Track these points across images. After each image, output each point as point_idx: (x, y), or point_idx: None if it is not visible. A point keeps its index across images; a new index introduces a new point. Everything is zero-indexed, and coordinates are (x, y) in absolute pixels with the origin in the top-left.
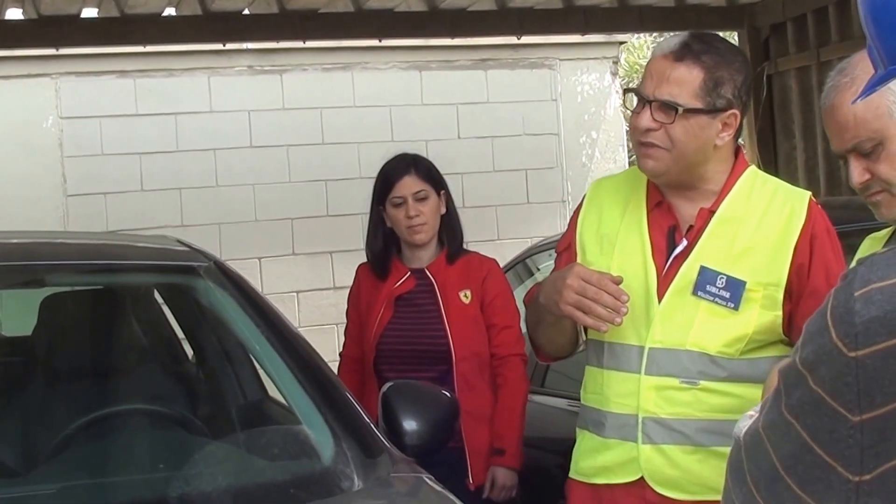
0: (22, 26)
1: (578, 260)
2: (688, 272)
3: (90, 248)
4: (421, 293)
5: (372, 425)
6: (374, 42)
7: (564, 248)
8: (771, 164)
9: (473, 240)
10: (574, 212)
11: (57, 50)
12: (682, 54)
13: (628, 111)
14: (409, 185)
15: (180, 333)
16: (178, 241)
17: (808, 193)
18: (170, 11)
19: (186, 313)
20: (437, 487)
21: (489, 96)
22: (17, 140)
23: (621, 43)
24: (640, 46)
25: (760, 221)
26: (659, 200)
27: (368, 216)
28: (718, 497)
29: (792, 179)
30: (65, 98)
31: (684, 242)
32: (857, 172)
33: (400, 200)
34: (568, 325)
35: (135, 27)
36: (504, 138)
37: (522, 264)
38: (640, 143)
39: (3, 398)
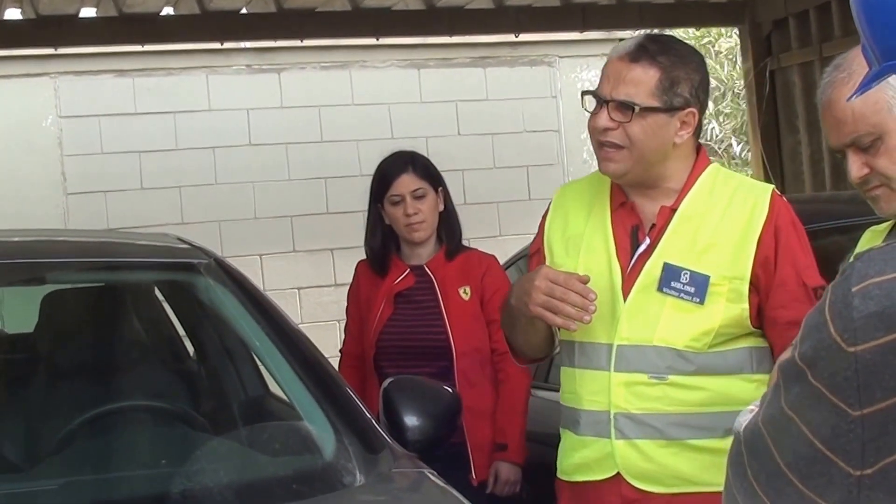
0: (20, 26)
1: (547, 263)
2: (652, 269)
3: (91, 245)
4: (420, 290)
5: (373, 421)
6: (371, 40)
7: (535, 251)
8: (775, 159)
9: (475, 236)
10: (542, 217)
11: (56, 49)
12: (637, 55)
13: (588, 113)
14: (407, 183)
15: (181, 330)
16: (179, 239)
17: (771, 187)
18: (168, 11)
19: (187, 310)
20: (440, 482)
21: (488, 94)
22: (17, 139)
23: (621, 40)
24: None
25: (723, 216)
26: (622, 201)
27: (367, 214)
28: (695, 489)
29: (797, 174)
30: (64, 97)
31: (647, 241)
32: (855, 167)
33: (398, 198)
34: (541, 327)
35: (133, 27)
36: (504, 135)
37: (524, 260)
38: (599, 143)
39: (5, 395)
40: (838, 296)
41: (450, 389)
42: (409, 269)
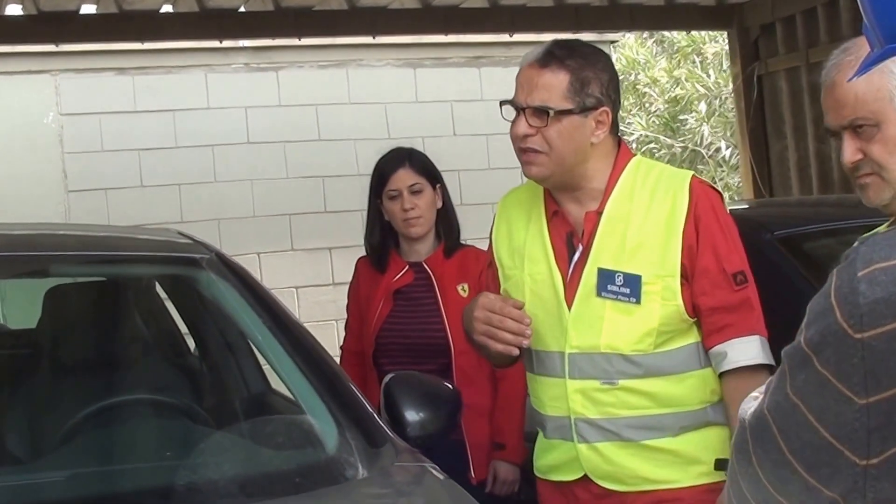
0: (21, 22)
1: (499, 274)
2: (589, 276)
3: (94, 239)
4: (419, 287)
5: (375, 415)
6: (368, 39)
7: (489, 263)
8: (763, 163)
9: (471, 237)
10: (491, 229)
11: (57, 46)
12: (546, 61)
13: (508, 121)
14: (404, 177)
15: (183, 325)
16: (181, 234)
17: (690, 174)
18: (167, 8)
19: (189, 305)
20: (441, 476)
21: (483, 93)
22: (18, 137)
23: (612, 42)
24: (631, 46)
25: (646, 215)
26: (555, 209)
27: (367, 211)
28: (655, 487)
29: (784, 179)
30: (65, 95)
31: (580, 248)
32: (849, 151)
33: (395, 193)
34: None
35: (132, 24)
36: (499, 135)
37: None
38: (520, 150)
39: (9, 390)
40: (843, 280)
41: (450, 386)
42: (407, 266)
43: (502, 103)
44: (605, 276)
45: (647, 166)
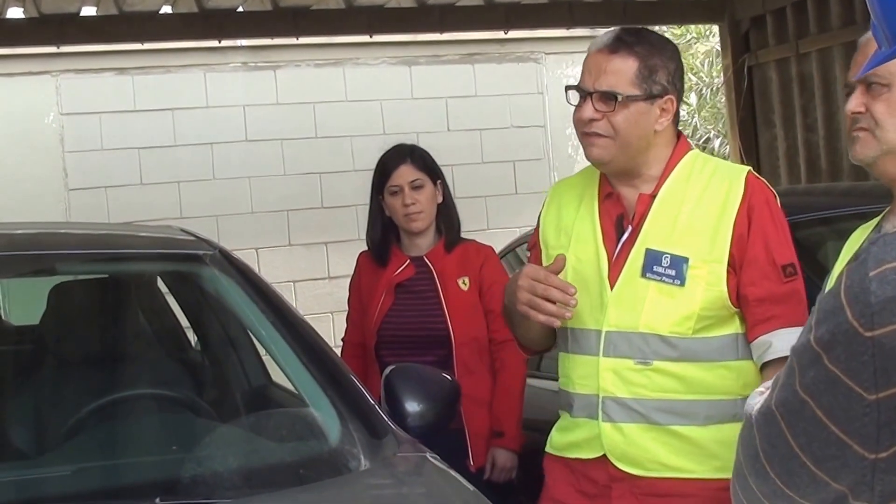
0: (23, 25)
1: (542, 254)
2: (635, 256)
3: (97, 237)
4: (420, 280)
5: (376, 407)
6: (364, 38)
7: (533, 245)
8: (752, 153)
9: (464, 230)
10: (539, 217)
11: (57, 48)
12: (615, 47)
13: (573, 107)
14: (405, 173)
15: (186, 321)
16: (183, 231)
17: (748, 169)
18: (166, 9)
19: (193, 300)
20: (443, 466)
21: (477, 90)
22: (20, 137)
23: None
24: None
25: (699, 200)
26: (609, 192)
27: (368, 206)
28: (670, 474)
29: (773, 168)
30: (65, 95)
31: (629, 229)
32: (854, 102)
33: (396, 189)
34: (535, 323)
35: (132, 24)
36: (492, 130)
37: (513, 253)
38: (584, 134)
39: (14, 385)
40: (854, 280)
41: (449, 377)
42: (408, 260)
43: (567, 88)
44: (652, 257)
45: (703, 158)
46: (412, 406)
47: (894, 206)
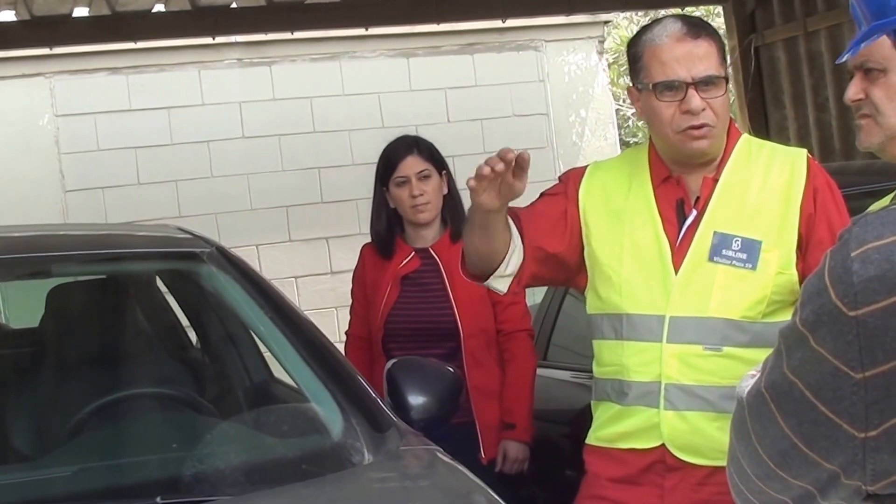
0: (15, 28)
1: (583, 235)
2: (702, 240)
3: (95, 238)
4: (426, 272)
5: (379, 400)
6: (361, 31)
7: (553, 193)
8: (762, 133)
9: None
10: (567, 176)
11: (51, 49)
12: (696, 32)
13: (664, 103)
14: (413, 164)
15: (185, 320)
16: (180, 229)
17: (805, 151)
18: (159, 8)
19: (192, 299)
20: (447, 458)
21: (477, 80)
22: (15, 139)
23: (606, 22)
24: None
25: (764, 181)
26: (666, 176)
27: (372, 198)
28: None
29: None
30: (59, 96)
31: (694, 212)
32: (853, 89)
33: (403, 180)
34: (493, 222)
35: (125, 24)
36: (493, 120)
37: None
38: (692, 128)
39: (14, 388)
40: (837, 261)
41: (451, 369)
42: (414, 252)
43: (655, 86)
44: (722, 240)
45: (758, 142)
46: (415, 399)
47: None
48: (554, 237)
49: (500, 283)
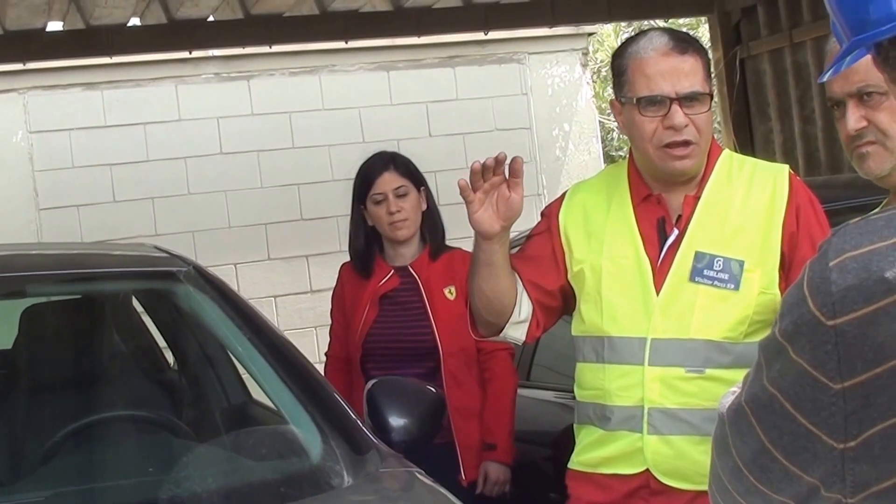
0: None
1: (566, 257)
2: (683, 260)
3: (70, 257)
4: (405, 291)
5: (359, 422)
6: (340, 44)
7: (538, 233)
8: (748, 147)
9: (450, 237)
10: (549, 210)
11: (24, 65)
12: (683, 47)
13: (647, 117)
14: (389, 181)
15: (162, 340)
16: (157, 248)
17: (786, 167)
18: (135, 21)
19: (168, 319)
20: (427, 481)
21: (458, 93)
22: None
23: (590, 34)
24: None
25: (746, 199)
26: (646, 194)
27: (350, 217)
28: None
29: (770, 161)
30: (33, 112)
31: (675, 232)
32: (854, 118)
33: (381, 197)
34: (497, 257)
35: (100, 38)
36: (476, 134)
37: None
38: (673, 144)
39: None
40: (816, 271)
41: (433, 389)
42: (393, 271)
43: (639, 100)
44: (703, 260)
45: (739, 158)
46: (396, 420)
47: (892, 198)
48: (549, 275)
49: (518, 330)
